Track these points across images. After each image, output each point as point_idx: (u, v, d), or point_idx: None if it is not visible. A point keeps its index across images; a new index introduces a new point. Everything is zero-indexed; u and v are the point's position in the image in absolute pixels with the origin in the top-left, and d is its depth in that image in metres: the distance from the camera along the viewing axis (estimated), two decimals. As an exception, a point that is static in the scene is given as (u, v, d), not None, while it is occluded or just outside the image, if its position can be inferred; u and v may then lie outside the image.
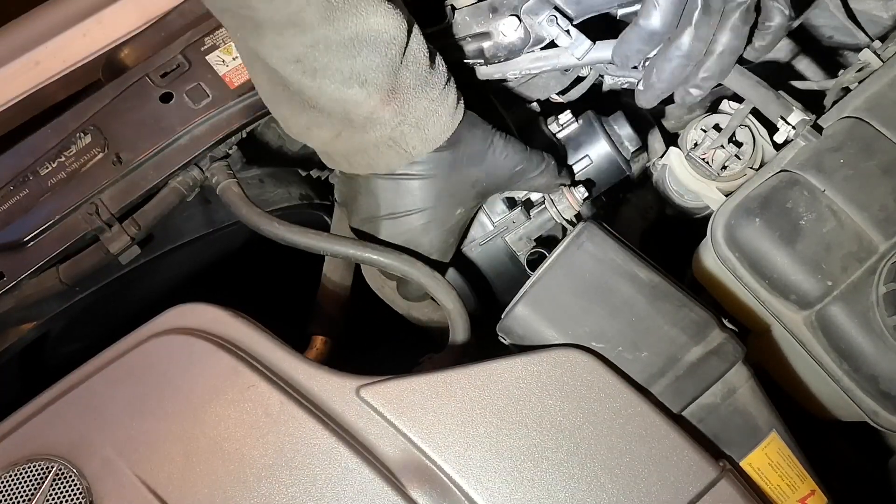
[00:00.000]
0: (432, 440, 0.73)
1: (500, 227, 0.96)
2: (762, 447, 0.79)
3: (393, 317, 1.02)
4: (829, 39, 1.09)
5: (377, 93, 0.76)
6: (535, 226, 0.96)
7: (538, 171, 0.90)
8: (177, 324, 0.80)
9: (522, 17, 0.93)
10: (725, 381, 0.79)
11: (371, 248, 0.86)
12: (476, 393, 0.74)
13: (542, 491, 0.72)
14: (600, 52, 0.90)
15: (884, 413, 0.82)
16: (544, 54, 0.92)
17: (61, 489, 0.73)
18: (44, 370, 1.02)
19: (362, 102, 0.77)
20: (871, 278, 0.81)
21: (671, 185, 1.03)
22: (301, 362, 0.78)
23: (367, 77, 0.75)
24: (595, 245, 0.82)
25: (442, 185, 0.84)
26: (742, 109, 0.93)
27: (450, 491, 0.72)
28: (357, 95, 0.76)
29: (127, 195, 0.91)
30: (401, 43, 0.75)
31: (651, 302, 0.79)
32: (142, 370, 0.78)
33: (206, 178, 0.94)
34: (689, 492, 0.72)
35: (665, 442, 0.73)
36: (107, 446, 0.75)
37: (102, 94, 0.95)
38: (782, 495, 0.78)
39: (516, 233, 0.96)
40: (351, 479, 0.72)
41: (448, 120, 0.81)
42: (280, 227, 0.88)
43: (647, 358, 0.78)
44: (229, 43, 0.96)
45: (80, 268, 0.91)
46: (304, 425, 0.74)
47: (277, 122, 0.86)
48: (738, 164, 0.94)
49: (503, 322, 0.82)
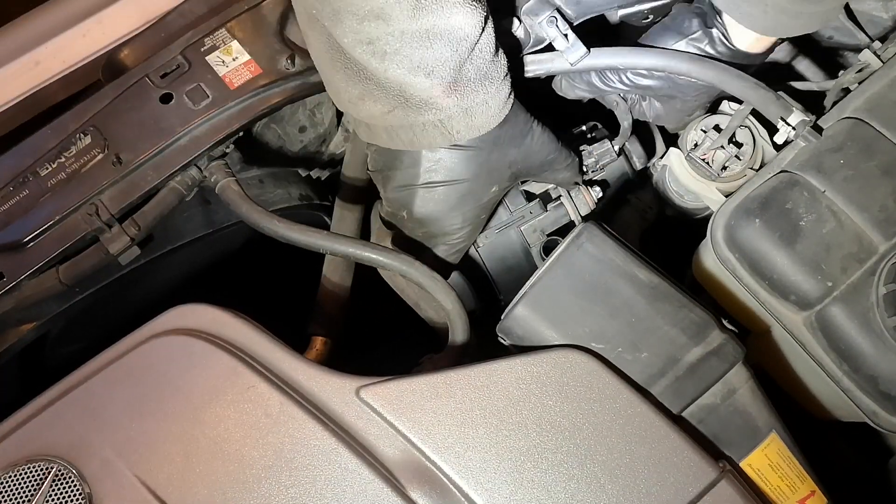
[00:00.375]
0: (432, 441, 0.73)
1: (517, 216, 0.99)
2: (762, 448, 0.79)
3: (392, 317, 1.02)
4: (829, 40, 1.09)
5: (440, 84, 0.78)
6: (550, 219, 1.00)
7: (565, 164, 0.95)
8: (176, 324, 0.80)
9: (522, 18, 0.92)
10: (725, 381, 0.79)
11: (371, 248, 0.86)
12: (476, 393, 0.74)
13: (542, 491, 0.72)
14: (594, 60, 0.90)
15: (883, 413, 0.82)
16: (538, 58, 0.92)
17: (61, 490, 0.73)
18: (43, 371, 1.02)
19: (425, 89, 0.78)
20: (870, 279, 0.81)
21: (671, 185, 1.03)
22: (301, 363, 0.78)
23: (434, 68, 0.77)
24: (595, 245, 0.82)
25: (483, 160, 0.87)
26: (742, 110, 0.93)
27: (449, 492, 0.72)
28: (422, 83, 0.78)
29: (127, 196, 0.91)
30: (473, 39, 0.77)
31: (651, 302, 0.79)
32: (141, 371, 0.78)
33: (204, 177, 0.94)
34: (689, 492, 0.72)
35: (665, 443, 0.73)
36: (106, 447, 0.75)
37: (102, 95, 0.95)
38: (782, 496, 0.78)
39: (531, 224, 1.00)
40: (351, 480, 0.72)
41: (497, 111, 0.83)
42: (280, 225, 0.88)
43: (646, 358, 0.78)
44: (229, 44, 0.96)
45: (79, 268, 0.91)
46: (303, 426, 0.74)
47: (326, 86, 0.87)
48: (738, 165, 0.94)
49: (503, 323, 0.82)
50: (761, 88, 0.87)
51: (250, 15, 0.98)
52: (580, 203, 1.00)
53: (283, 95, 0.96)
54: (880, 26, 1.05)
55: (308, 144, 1.17)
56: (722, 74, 0.87)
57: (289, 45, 0.96)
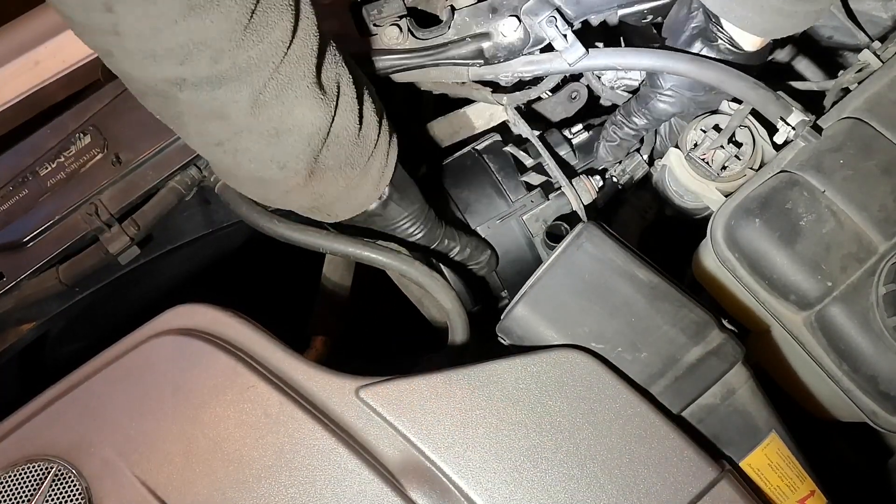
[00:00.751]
0: (431, 441, 0.73)
1: (517, 206, 0.99)
2: (762, 448, 0.78)
3: (392, 317, 1.02)
4: (828, 40, 1.09)
5: (295, 176, 0.77)
6: (552, 208, 1.00)
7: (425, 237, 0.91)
8: (176, 324, 0.80)
9: (522, 18, 0.93)
10: (725, 381, 0.79)
11: (371, 247, 0.86)
12: (475, 393, 0.74)
13: (542, 491, 0.72)
14: (592, 61, 0.90)
15: (883, 413, 0.82)
16: (537, 58, 0.92)
17: (61, 490, 0.73)
18: (43, 370, 1.02)
19: (280, 181, 0.77)
20: (870, 279, 0.81)
21: (671, 185, 1.03)
22: (300, 363, 0.78)
23: (286, 162, 0.75)
24: (594, 245, 0.82)
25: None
26: (742, 110, 0.93)
27: (449, 492, 0.72)
28: (275, 175, 0.76)
29: (126, 195, 0.92)
30: (324, 130, 0.75)
31: (650, 302, 0.79)
32: (141, 371, 0.78)
33: (204, 177, 0.94)
34: (689, 492, 0.72)
35: (665, 443, 0.73)
36: (106, 447, 0.75)
37: (102, 95, 0.95)
38: (782, 496, 0.78)
39: (533, 213, 0.99)
40: (350, 480, 0.72)
41: (371, 191, 0.83)
42: (279, 225, 0.88)
43: (646, 358, 0.78)
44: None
45: (79, 268, 0.91)
46: (303, 426, 0.74)
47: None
48: (737, 165, 0.94)
49: (502, 322, 0.82)
50: (761, 88, 0.87)
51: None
52: (581, 190, 1.00)
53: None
54: (880, 26, 1.05)
55: (308, 144, 1.16)
56: (721, 74, 0.87)
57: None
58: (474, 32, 0.94)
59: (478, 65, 0.95)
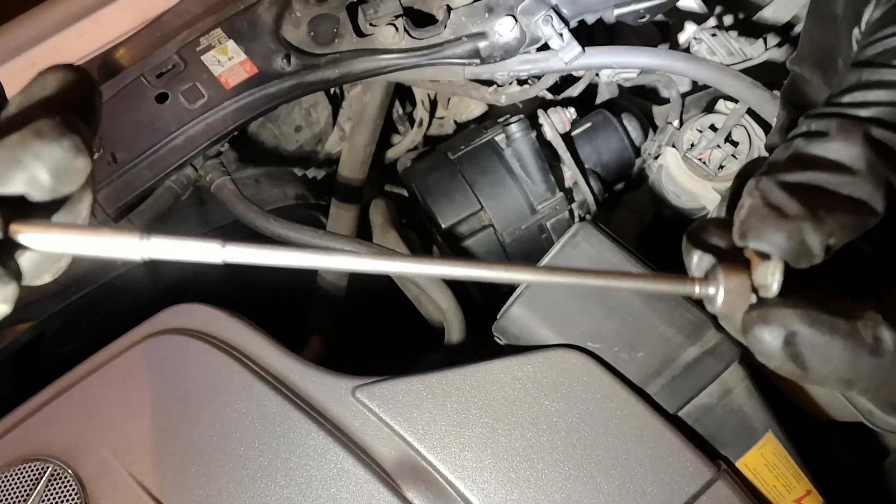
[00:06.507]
0: (428, 440, 0.73)
1: (542, 213, 0.99)
2: (758, 447, 0.78)
3: (388, 317, 1.02)
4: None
5: None
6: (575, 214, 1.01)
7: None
8: (172, 324, 0.80)
9: (518, 18, 0.92)
10: (721, 381, 0.79)
11: (367, 247, 0.86)
12: (472, 393, 0.74)
13: (538, 491, 0.72)
14: (589, 59, 0.90)
15: (879, 413, 0.82)
16: (533, 57, 0.92)
17: (56, 489, 0.73)
18: (39, 371, 1.01)
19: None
20: (866, 278, 0.81)
21: (667, 186, 1.03)
22: (297, 363, 0.78)
23: None
24: (591, 245, 0.81)
25: None
26: (738, 109, 0.93)
27: (445, 491, 0.72)
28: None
29: (122, 195, 0.91)
30: None
31: (647, 302, 0.79)
32: (137, 371, 0.78)
33: (200, 176, 0.94)
34: (685, 492, 0.72)
35: (661, 442, 0.73)
36: (102, 447, 0.75)
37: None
38: (778, 496, 0.78)
39: (557, 219, 1.00)
40: (346, 480, 0.72)
41: None
42: (276, 224, 0.88)
43: (642, 358, 0.78)
44: (225, 43, 0.96)
45: (75, 268, 0.91)
46: (299, 426, 0.74)
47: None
48: (734, 164, 0.94)
49: (499, 322, 0.82)
50: (757, 87, 0.87)
51: (246, 14, 0.98)
52: (556, 121, 1.01)
53: (279, 95, 0.95)
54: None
55: (304, 144, 1.17)
56: (717, 74, 0.87)
57: (284, 45, 0.96)
58: (470, 32, 0.94)
59: (474, 64, 0.95)
